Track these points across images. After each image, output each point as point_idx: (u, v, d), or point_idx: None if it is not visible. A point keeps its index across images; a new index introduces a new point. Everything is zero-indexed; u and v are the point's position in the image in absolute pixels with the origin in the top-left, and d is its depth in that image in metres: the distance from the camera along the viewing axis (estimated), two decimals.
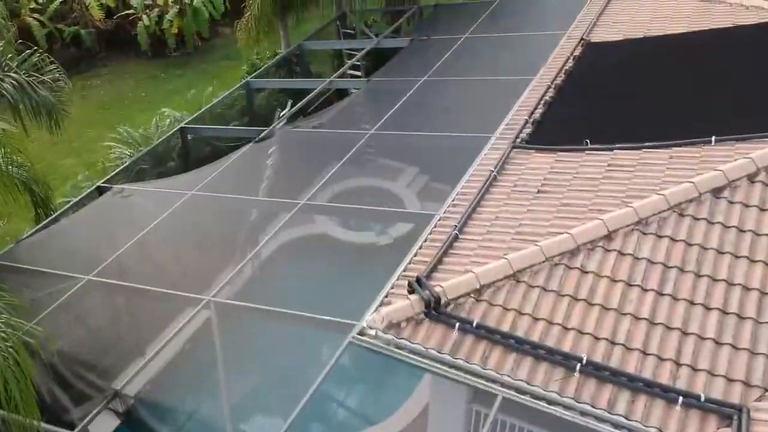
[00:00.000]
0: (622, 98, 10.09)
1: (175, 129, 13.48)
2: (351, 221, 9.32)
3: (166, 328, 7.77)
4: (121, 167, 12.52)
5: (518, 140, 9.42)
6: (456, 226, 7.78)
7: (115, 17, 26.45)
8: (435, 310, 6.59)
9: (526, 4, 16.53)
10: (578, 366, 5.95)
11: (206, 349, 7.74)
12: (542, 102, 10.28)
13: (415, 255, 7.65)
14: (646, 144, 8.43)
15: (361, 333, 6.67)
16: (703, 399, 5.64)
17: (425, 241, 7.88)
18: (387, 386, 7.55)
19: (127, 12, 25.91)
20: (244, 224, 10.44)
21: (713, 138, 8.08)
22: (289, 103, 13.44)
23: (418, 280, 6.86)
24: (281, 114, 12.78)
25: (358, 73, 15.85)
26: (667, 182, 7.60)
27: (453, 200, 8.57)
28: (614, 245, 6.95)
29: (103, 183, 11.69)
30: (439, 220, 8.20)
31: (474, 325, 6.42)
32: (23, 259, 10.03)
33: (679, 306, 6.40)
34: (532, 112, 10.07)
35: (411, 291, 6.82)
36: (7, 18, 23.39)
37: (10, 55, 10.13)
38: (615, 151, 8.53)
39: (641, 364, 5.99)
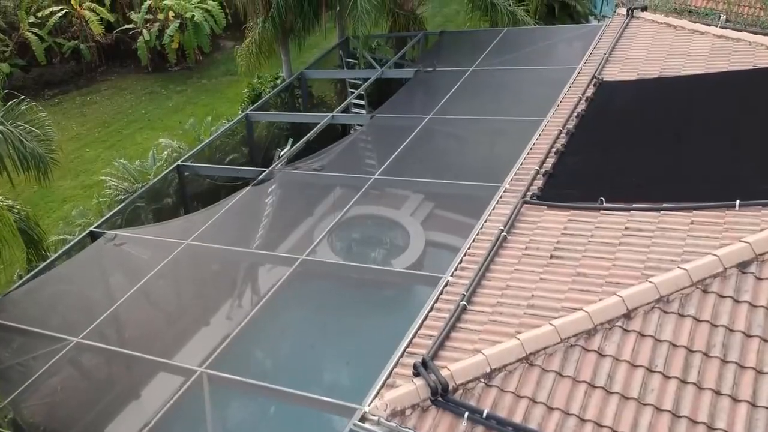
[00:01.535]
0: (637, 148, 9.63)
1: (171, 168, 13.06)
2: (352, 281, 8.88)
3: (155, 403, 7.32)
4: (116, 210, 12.06)
5: (529, 194, 9.00)
6: (464, 295, 7.36)
7: (115, 31, 26.14)
8: (442, 396, 6.21)
9: (534, 34, 16.07)
10: None
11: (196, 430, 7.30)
12: (553, 150, 9.84)
13: (420, 327, 7.24)
14: (665, 205, 8.00)
15: (363, 419, 6.31)
16: None
17: (431, 310, 7.47)
18: None
19: (127, 26, 25.58)
20: (239, 281, 9.98)
21: (737, 202, 7.63)
22: (290, 142, 13.01)
23: (424, 363, 6.45)
24: (281, 154, 12.33)
25: (362, 102, 15.40)
26: (688, 252, 7.18)
27: (460, 261, 8.17)
28: (634, 325, 6.53)
29: (95, 228, 11.24)
30: (445, 285, 7.79)
31: (484, 415, 6.01)
32: (9, 313, 9.58)
33: (705, 396, 5.97)
34: (543, 162, 9.65)
35: (416, 374, 6.42)
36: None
37: None
38: (632, 211, 8.09)
39: None
